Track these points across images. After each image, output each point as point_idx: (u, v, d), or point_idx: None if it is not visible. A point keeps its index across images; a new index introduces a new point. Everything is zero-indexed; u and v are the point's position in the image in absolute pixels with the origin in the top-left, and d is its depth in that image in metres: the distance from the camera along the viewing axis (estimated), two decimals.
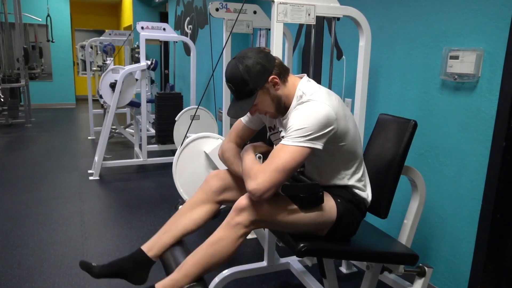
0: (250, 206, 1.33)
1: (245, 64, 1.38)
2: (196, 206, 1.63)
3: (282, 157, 1.29)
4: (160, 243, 1.60)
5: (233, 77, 1.40)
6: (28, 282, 2.10)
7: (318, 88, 1.45)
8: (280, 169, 1.28)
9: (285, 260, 2.23)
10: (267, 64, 1.40)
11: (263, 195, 1.28)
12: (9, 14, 6.75)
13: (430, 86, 2.03)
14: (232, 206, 1.38)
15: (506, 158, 1.67)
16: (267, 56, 1.42)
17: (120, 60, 9.17)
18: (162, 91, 4.49)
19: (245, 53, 1.42)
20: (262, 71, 1.39)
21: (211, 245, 1.38)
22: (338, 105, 1.40)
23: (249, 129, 1.67)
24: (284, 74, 1.45)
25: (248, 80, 1.38)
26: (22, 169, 4.13)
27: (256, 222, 1.36)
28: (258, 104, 1.45)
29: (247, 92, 1.41)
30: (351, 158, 1.48)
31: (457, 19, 1.86)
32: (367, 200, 1.54)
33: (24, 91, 6.79)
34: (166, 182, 3.84)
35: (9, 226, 2.77)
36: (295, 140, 1.30)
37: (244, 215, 1.34)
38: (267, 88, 1.41)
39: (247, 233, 1.38)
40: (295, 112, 1.39)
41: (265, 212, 1.35)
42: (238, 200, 1.36)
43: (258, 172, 1.30)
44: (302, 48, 3.14)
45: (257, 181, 1.28)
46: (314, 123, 1.31)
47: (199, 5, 5.03)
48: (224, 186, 1.63)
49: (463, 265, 1.89)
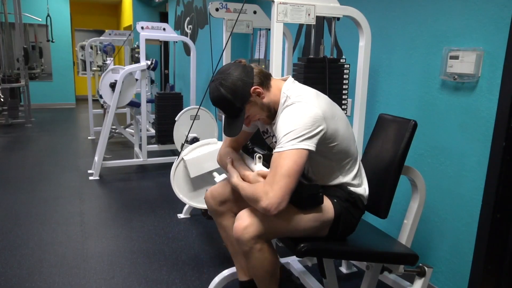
0: (246, 228, 1.35)
1: (225, 85, 1.40)
2: (222, 219, 1.71)
3: (283, 164, 1.28)
4: (244, 267, 1.72)
5: (218, 101, 1.44)
6: (28, 282, 2.10)
7: (304, 90, 1.45)
8: (285, 175, 1.27)
9: (285, 260, 2.23)
10: (246, 77, 1.42)
11: (279, 206, 1.27)
12: (9, 14, 6.74)
13: (430, 86, 2.03)
14: None
15: (506, 158, 1.67)
16: (245, 69, 1.43)
17: (120, 60, 9.16)
18: (162, 91, 4.48)
19: (222, 72, 1.44)
20: (243, 86, 1.41)
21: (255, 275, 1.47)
22: (325, 105, 1.40)
23: (245, 133, 1.68)
24: (266, 81, 1.46)
25: (232, 99, 1.41)
26: (22, 169, 4.13)
27: (260, 237, 1.37)
28: (250, 116, 1.48)
29: (236, 110, 1.44)
30: (345, 157, 1.48)
31: (457, 19, 1.86)
32: (364, 196, 1.55)
33: (24, 91, 6.79)
34: (166, 182, 3.83)
35: (9, 226, 2.77)
36: (288, 144, 1.30)
37: (245, 240, 1.35)
38: (253, 100, 1.44)
39: (263, 242, 1.39)
40: (282, 117, 1.39)
41: (265, 226, 1.36)
42: (233, 231, 1.39)
43: (264, 188, 1.29)
44: (302, 48, 3.14)
45: (268, 195, 1.27)
46: (302, 125, 1.31)
47: (199, 5, 5.03)
48: (221, 201, 1.68)
49: (463, 265, 1.89)
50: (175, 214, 3.02)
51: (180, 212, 3.03)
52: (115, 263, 2.33)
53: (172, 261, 2.36)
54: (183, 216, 3.00)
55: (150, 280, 2.16)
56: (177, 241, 2.60)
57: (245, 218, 1.36)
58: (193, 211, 3.03)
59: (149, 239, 2.63)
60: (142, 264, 2.31)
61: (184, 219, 2.96)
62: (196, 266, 2.31)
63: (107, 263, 2.32)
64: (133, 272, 2.22)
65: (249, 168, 1.55)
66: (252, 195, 1.33)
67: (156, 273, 2.22)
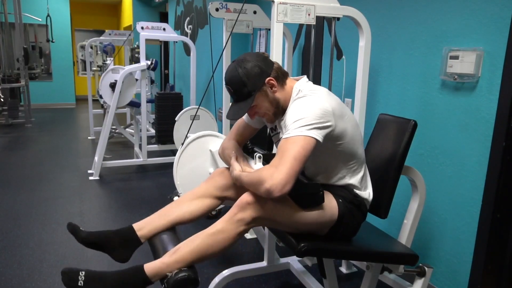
0: (254, 203, 1.32)
1: (243, 67, 1.43)
2: (197, 198, 1.61)
3: (291, 148, 1.27)
4: (152, 225, 1.55)
5: (232, 80, 1.44)
6: (28, 282, 2.10)
7: (317, 87, 1.47)
8: (292, 157, 1.26)
9: (285, 260, 2.23)
10: (265, 67, 1.44)
11: (283, 189, 1.24)
12: (9, 14, 6.74)
13: (430, 86, 2.03)
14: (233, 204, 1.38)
15: (506, 158, 1.67)
16: (266, 60, 1.47)
17: (120, 60, 9.17)
18: (162, 91, 4.49)
19: (244, 57, 1.46)
20: (260, 74, 1.43)
21: (209, 235, 1.36)
22: (336, 104, 1.41)
23: (250, 127, 1.67)
24: (282, 78, 1.48)
25: (246, 82, 1.42)
26: (22, 169, 4.13)
27: (258, 220, 1.36)
28: (257, 107, 1.48)
29: (245, 94, 1.44)
30: (351, 158, 1.48)
31: (457, 19, 1.86)
32: (368, 200, 1.54)
33: (24, 91, 6.79)
34: (166, 182, 3.84)
35: (9, 226, 2.77)
36: (296, 130, 1.30)
37: (247, 211, 1.33)
38: (265, 91, 1.45)
39: (247, 230, 1.37)
40: (292, 107, 1.41)
41: (268, 210, 1.34)
42: (242, 196, 1.35)
43: (270, 170, 1.27)
44: (302, 48, 3.14)
45: (273, 176, 1.25)
46: (312, 114, 1.32)
47: (199, 5, 5.03)
48: (229, 184, 1.62)
49: (463, 265, 1.89)
50: None
51: None
52: (115, 263, 2.31)
53: None
54: None
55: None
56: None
57: (251, 197, 1.33)
58: None
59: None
60: None
61: None
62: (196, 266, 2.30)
63: (107, 263, 2.32)
64: None
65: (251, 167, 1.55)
66: (257, 178, 1.30)
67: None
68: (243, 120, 1.68)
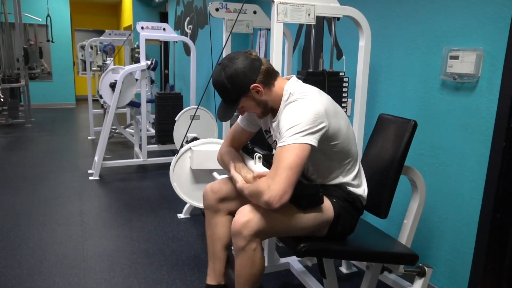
0: (246, 223, 1.33)
1: (228, 72, 1.40)
2: (214, 216, 1.68)
3: (286, 157, 1.27)
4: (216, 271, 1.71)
5: (217, 84, 1.44)
6: (28, 282, 2.10)
7: (307, 88, 1.46)
8: (287, 167, 1.26)
9: (285, 260, 2.23)
10: (250, 72, 1.41)
11: (281, 199, 1.26)
12: (9, 14, 6.74)
13: (430, 86, 2.03)
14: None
15: (506, 158, 1.67)
16: (252, 63, 1.42)
17: (120, 60, 9.16)
18: (162, 91, 4.48)
19: (230, 58, 1.42)
20: (244, 81, 1.41)
21: (240, 275, 1.43)
22: (328, 103, 1.41)
23: (246, 132, 1.68)
24: (270, 80, 1.46)
25: (230, 89, 1.42)
26: (22, 169, 4.13)
27: (259, 234, 1.36)
28: (244, 107, 1.49)
29: (231, 99, 1.45)
30: (345, 157, 1.48)
31: (457, 19, 1.86)
32: (363, 196, 1.55)
33: (24, 91, 6.79)
34: (166, 182, 3.83)
35: (9, 226, 2.77)
36: (291, 138, 1.29)
37: (244, 235, 1.34)
38: (251, 95, 1.44)
39: (259, 242, 1.38)
40: (284, 113, 1.40)
41: (264, 223, 1.35)
42: (232, 225, 1.37)
43: (267, 182, 1.29)
44: (302, 48, 3.14)
45: (270, 188, 1.26)
46: (305, 120, 1.31)
47: (199, 5, 5.03)
48: (221, 197, 1.65)
49: (463, 265, 1.89)
50: (175, 214, 3.02)
51: (180, 212, 3.03)
52: (115, 263, 2.33)
53: (172, 261, 2.36)
54: (183, 216, 2.99)
55: (150, 280, 2.16)
56: (177, 241, 2.60)
57: (247, 213, 1.35)
58: (193, 211, 3.03)
59: (149, 239, 2.63)
60: (142, 264, 2.31)
61: (184, 219, 2.96)
62: (196, 266, 2.31)
63: (107, 263, 2.32)
64: (133, 272, 2.22)
65: (250, 168, 1.56)
66: (255, 191, 1.32)
67: (156, 273, 2.22)
68: (239, 125, 1.68)
